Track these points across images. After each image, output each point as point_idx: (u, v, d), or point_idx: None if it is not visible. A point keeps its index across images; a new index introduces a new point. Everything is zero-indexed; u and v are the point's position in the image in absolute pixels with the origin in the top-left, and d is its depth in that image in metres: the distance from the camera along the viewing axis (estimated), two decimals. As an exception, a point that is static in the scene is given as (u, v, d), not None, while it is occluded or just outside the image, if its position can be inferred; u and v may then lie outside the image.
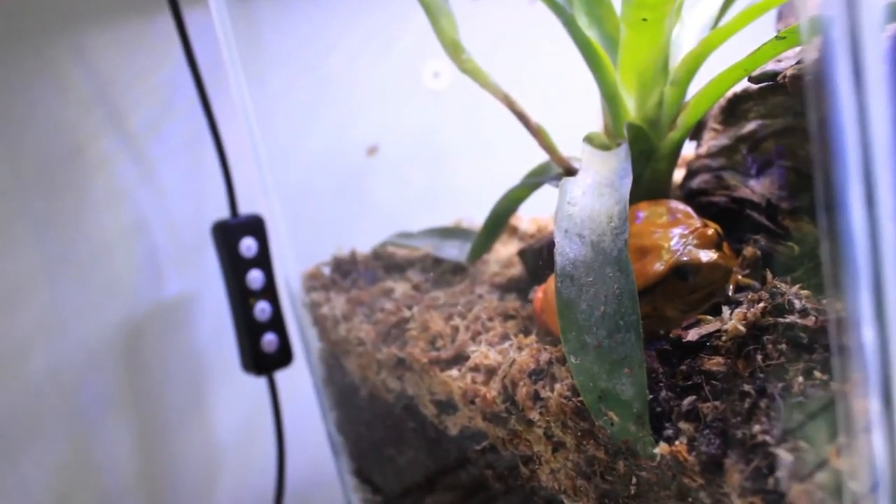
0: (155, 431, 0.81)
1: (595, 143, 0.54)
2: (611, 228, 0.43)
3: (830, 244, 0.30)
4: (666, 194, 0.56)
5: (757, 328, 0.40)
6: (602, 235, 0.43)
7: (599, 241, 0.43)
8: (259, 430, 0.83)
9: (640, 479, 0.41)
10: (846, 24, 0.27)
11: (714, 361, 0.41)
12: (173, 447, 0.82)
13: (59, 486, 0.76)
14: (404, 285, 0.65)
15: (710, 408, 0.39)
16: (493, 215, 0.63)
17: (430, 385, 0.54)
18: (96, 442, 0.77)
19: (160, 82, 0.76)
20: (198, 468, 0.83)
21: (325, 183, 0.81)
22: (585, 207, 0.45)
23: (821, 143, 0.28)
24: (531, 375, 0.46)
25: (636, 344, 0.40)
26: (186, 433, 0.83)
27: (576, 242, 0.43)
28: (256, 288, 0.74)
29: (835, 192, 0.28)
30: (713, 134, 0.57)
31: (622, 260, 0.41)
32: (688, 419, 0.39)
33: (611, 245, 0.42)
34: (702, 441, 0.38)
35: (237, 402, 0.84)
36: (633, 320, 0.40)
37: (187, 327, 0.81)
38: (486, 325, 0.55)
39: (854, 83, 0.27)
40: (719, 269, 0.45)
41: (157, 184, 0.78)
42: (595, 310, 0.41)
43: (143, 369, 0.79)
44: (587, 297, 0.42)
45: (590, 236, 0.43)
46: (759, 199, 0.51)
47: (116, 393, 0.78)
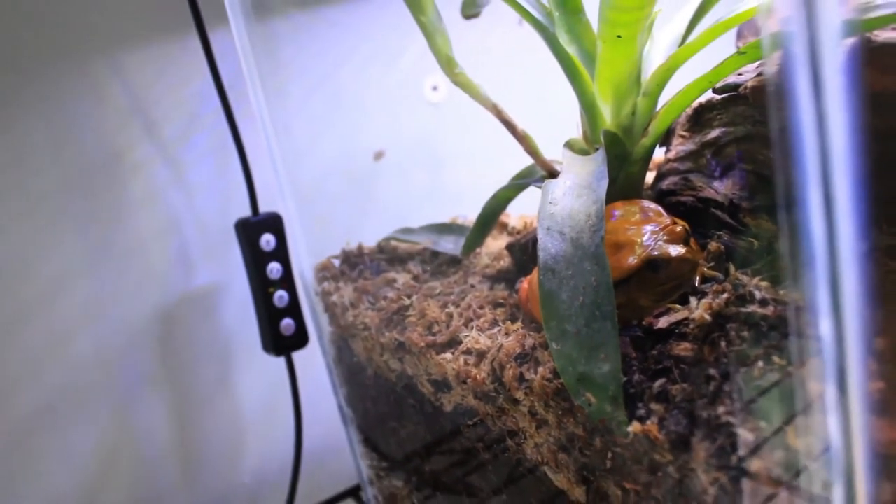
0: (187, 405, 0.80)
1: (574, 149, 0.53)
2: (589, 226, 0.41)
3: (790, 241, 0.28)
4: (639, 194, 0.55)
5: (721, 317, 0.39)
6: (581, 232, 0.41)
7: (578, 238, 0.41)
8: (279, 404, 0.82)
9: (616, 454, 0.39)
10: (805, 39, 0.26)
11: (682, 347, 0.39)
12: (204, 419, 0.81)
13: (102, 453, 0.75)
14: (405, 276, 0.64)
15: (678, 390, 0.37)
16: (484, 213, 0.62)
17: (427, 366, 0.53)
18: (135, 414, 0.77)
19: (189, 95, 0.75)
20: (225, 437, 0.83)
21: (336, 184, 0.81)
22: (566, 207, 0.44)
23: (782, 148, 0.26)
24: (517, 359, 0.45)
25: (612, 331, 0.38)
26: (215, 407, 0.82)
27: (557, 239, 0.42)
28: (275, 278, 0.73)
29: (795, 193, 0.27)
30: (681, 140, 0.56)
31: (599, 255, 0.40)
32: (658, 400, 0.38)
33: (589, 241, 0.41)
34: (671, 421, 0.36)
35: (259, 379, 0.83)
36: (609, 310, 0.39)
37: (214, 313, 0.80)
38: (477, 312, 0.54)
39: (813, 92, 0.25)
40: (687, 263, 0.43)
41: (186, 186, 0.77)
42: (574, 300, 0.40)
43: (176, 350, 0.78)
44: (567, 289, 0.40)
45: (570, 233, 0.42)
46: (723, 199, 0.50)
47: (153, 371, 0.77)
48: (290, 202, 0.71)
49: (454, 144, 0.86)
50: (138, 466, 0.77)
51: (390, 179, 0.84)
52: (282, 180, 0.70)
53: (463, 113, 0.62)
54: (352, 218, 0.81)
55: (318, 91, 0.80)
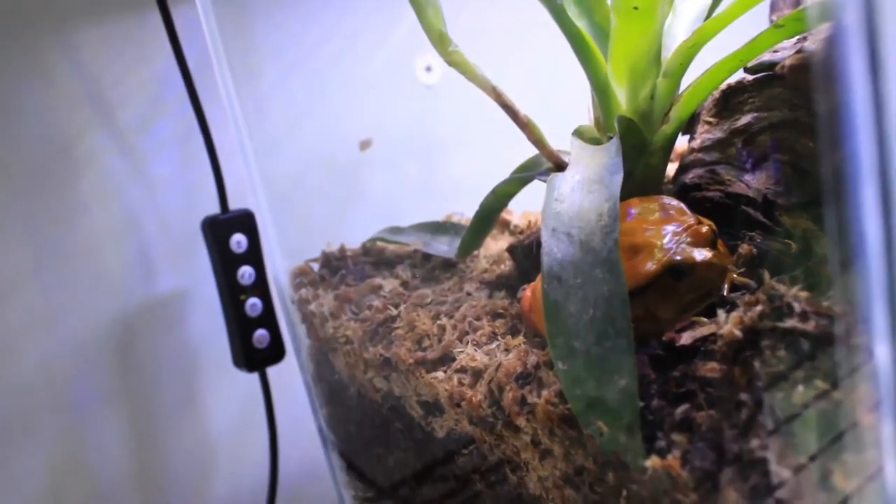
0: (148, 428, 0.79)
1: (585, 137, 0.52)
2: (600, 227, 0.40)
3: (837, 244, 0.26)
4: (658, 190, 0.54)
5: (754, 332, 0.37)
6: (591, 234, 0.40)
7: (588, 241, 0.40)
8: (252, 426, 0.81)
9: (631, 492, 0.38)
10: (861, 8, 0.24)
11: (709, 367, 0.38)
12: (166, 443, 0.80)
13: (51, 483, 0.74)
14: (392, 282, 0.63)
15: (704, 418, 0.36)
16: (482, 211, 0.60)
17: (416, 386, 0.52)
18: (89, 439, 0.75)
19: (149, 77, 0.74)
20: (191, 464, 0.81)
21: (316, 178, 0.79)
22: (574, 205, 0.42)
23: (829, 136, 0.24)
24: (518, 379, 0.44)
25: (626, 350, 0.37)
26: (180, 429, 0.81)
27: (563, 241, 0.41)
28: (247, 284, 0.72)
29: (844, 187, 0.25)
30: (707, 127, 0.54)
31: (612, 260, 0.38)
32: (681, 430, 0.36)
33: (600, 244, 0.39)
34: (695, 454, 0.35)
35: (230, 397, 0.82)
36: (624, 325, 0.37)
37: (179, 324, 0.79)
38: (473, 324, 0.52)
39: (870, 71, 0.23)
40: (714, 269, 0.42)
41: (147, 179, 0.76)
42: (584, 313, 0.38)
43: (136, 366, 0.77)
44: (575, 300, 0.39)
45: (578, 235, 0.40)
46: (755, 195, 0.48)
47: (109, 389, 0.76)
48: (264, 198, 0.70)
49: (451, 132, 0.85)
50: (92, 498, 0.76)
51: (378, 172, 0.83)
52: (254, 173, 0.69)
53: (460, 97, 0.61)
54: (334, 216, 0.80)
55: (296, 73, 0.79)
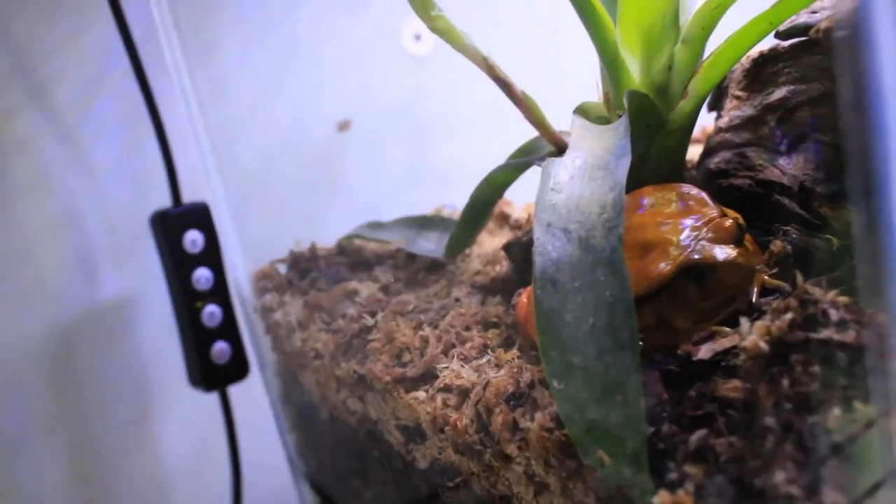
0: (91, 457, 0.78)
1: (590, 116, 0.51)
2: (603, 221, 0.39)
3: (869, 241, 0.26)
4: (677, 176, 0.53)
5: (783, 345, 0.37)
6: (592, 230, 0.39)
7: (589, 237, 0.39)
8: (211, 454, 0.81)
9: None
10: None
11: (730, 386, 0.37)
12: (113, 475, 0.80)
13: (-23, 520, 0.74)
14: (371, 286, 0.63)
15: (724, 446, 0.35)
16: (473, 203, 0.60)
17: (394, 408, 0.52)
18: (20, 471, 0.75)
19: (88, 49, 0.73)
20: (142, 498, 0.81)
21: (284, 165, 0.79)
22: (573, 195, 0.42)
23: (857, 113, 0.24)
24: (509, 400, 0.43)
25: (632, 365, 0.36)
26: (127, 460, 0.80)
27: (560, 239, 0.40)
28: (204, 289, 0.72)
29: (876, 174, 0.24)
30: (735, 103, 0.54)
31: (616, 261, 0.38)
32: (696, 460, 0.35)
33: (602, 242, 0.39)
34: (712, 489, 0.34)
35: (185, 422, 0.82)
36: (629, 336, 0.37)
37: (125, 336, 0.79)
38: (461, 335, 0.52)
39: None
40: (740, 269, 0.42)
41: (87, 167, 0.75)
42: (582, 322, 0.38)
43: (76, 385, 0.77)
44: (573, 307, 0.38)
45: (577, 231, 0.40)
46: (791, 182, 0.48)
47: (43, 413, 0.76)
48: (223, 189, 0.70)
49: (443, 111, 0.85)
50: (27, 537, 0.76)
51: (357, 158, 0.83)
52: (211, 161, 0.69)
53: (455, 70, 0.61)
54: (304, 210, 0.80)
55: (263, 43, 0.79)
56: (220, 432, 0.77)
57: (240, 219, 0.70)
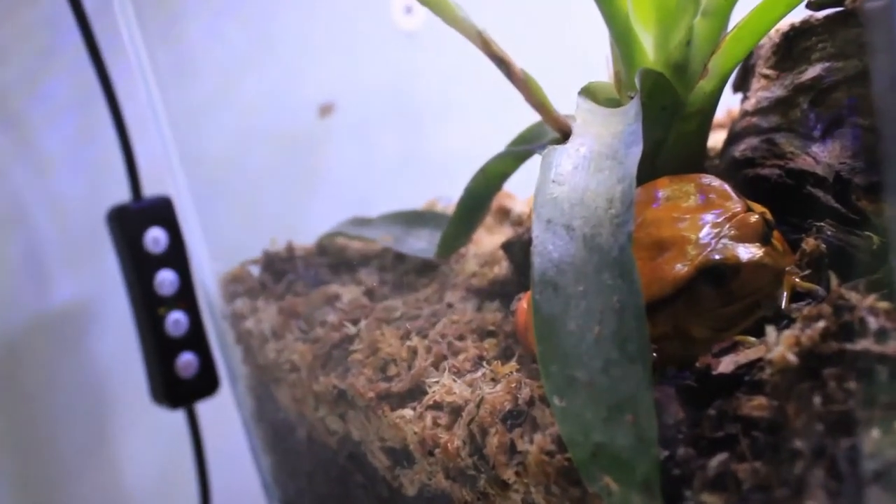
0: (41, 483, 0.78)
1: (598, 98, 0.51)
2: (610, 217, 0.39)
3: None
4: (696, 166, 0.53)
5: (815, 357, 0.36)
6: (598, 227, 0.39)
7: (594, 235, 0.39)
8: (178, 478, 0.81)
9: None
10: None
11: (755, 404, 0.37)
12: (68, 502, 0.79)
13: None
14: (354, 290, 0.63)
15: (747, 471, 0.35)
16: (468, 196, 0.60)
17: (378, 428, 0.52)
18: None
19: (34, 21, 0.73)
20: (99, 527, 0.81)
21: (258, 154, 0.79)
22: (577, 188, 0.42)
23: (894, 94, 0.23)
24: (506, 420, 0.44)
25: (643, 380, 0.36)
26: (83, 484, 0.80)
27: (562, 237, 0.40)
28: (167, 294, 0.72)
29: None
30: (763, 83, 0.54)
31: (625, 261, 0.38)
32: (716, 488, 0.35)
33: (610, 240, 0.39)
34: None
35: (148, 442, 0.82)
36: (640, 346, 0.37)
37: (81, 345, 0.79)
38: (453, 345, 0.52)
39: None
40: (766, 271, 0.42)
41: (35, 157, 0.75)
42: (587, 332, 0.38)
43: (23, 401, 0.77)
44: (576, 314, 0.38)
45: (581, 228, 0.40)
46: (825, 172, 0.48)
47: (-12, 432, 0.75)
48: (188, 181, 0.70)
49: (436, 93, 0.85)
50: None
51: (341, 146, 0.84)
52: (175, 149, 0.69)
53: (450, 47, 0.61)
54: (281, 204, 0.80)
55: (234, 15, 0.79)
56: (187, 454, 0.77)
57: (207, 215, 0.70)
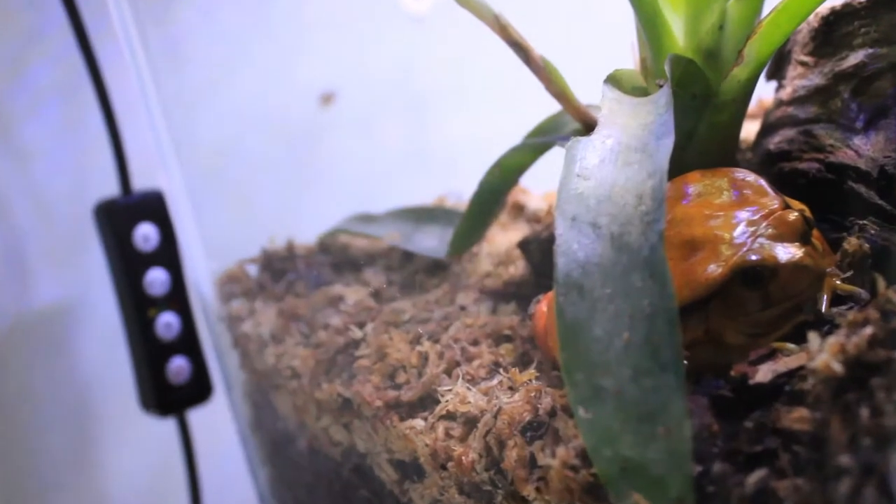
0: (24, 494, 0.78)
1: (624, 86, 0.51)
2: (640, 214, 0.39)
3: None
4: (730, 159, 0.53)
5: (861, 366, 0.36)
6: (627, 225, 0.39)
7: (623, 234, 0.39)
8: (168, 490, 0.81)
9: None
10: None
11: (796, 416, 0.37)
12: None
13: None
14: (359, 291, 0.63)
15: (787, 489, 0.35)
16: (482, 191, 0.60)
17: (386, 439, 0.52)
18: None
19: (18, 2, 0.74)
20: (85, 543, 0.81)
21: (256, 145, 0.79)
22: (604, 182, 0.42)
23: None
24: (525, 431, 0.43)
25: (676, 389, 0.36)
26: (68, 495, 0.80)
27: (587, 235, 0.40)
28: (158, 294, 0.72)
29: None
30: (801, 70, 0.54)
31: (656, 262, 0.38)
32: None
33: (640, 239, 0.39)
34: None
35: (137, 451, 0.82)
36: (672, 353, 0.37)
37: (66, 348, 0.79)
38: (467, 351, 0.52)
39: None
40: (806, 273, 0.41)
41: (17, 147, 0.75)
42: (615, 338, 0.38)
43: (4, 408, 0.77)
44: (603, 319, 0.38)
45: (609, 226, 0.40)
46: (868, 166, 0.48)
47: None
48: (181, 174, 0.70)
49: (447, 82, 0.85)
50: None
51: (344, 137, 0.84)
52: (167, 140, 0.69)
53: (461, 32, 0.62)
54: (280, 199, 0.80)
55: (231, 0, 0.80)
56: (178, 465, 0.76)
57: (202, 210, 0.70)
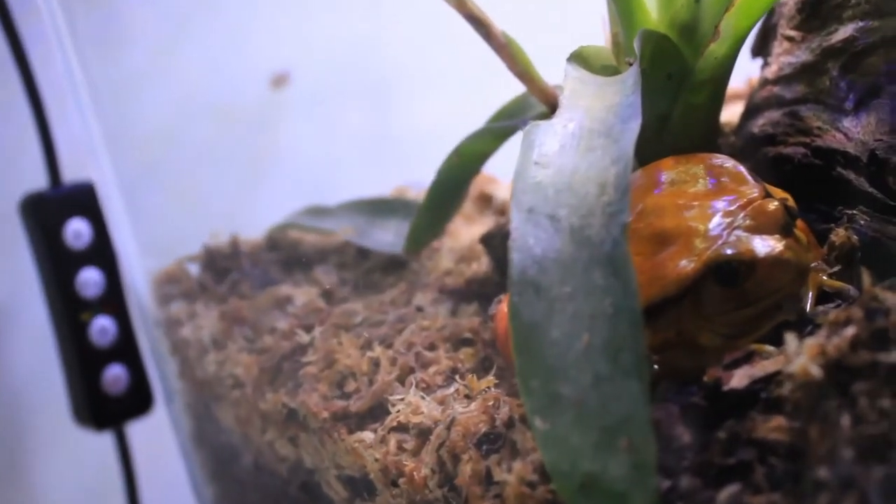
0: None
1: (591, 64, 0.51)
2: (602, 205, 0.39)
3: None
4: (708, 144, 0.53)
5: (843, 370, 0.36)
6: (588, 217, 0.39)
7: (584, 227, 0.39)
8: None
9: None
10: None
11: (772, 425, 0.37)
12: None
13: None
14: (308, 292, 0.63)
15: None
16: (441, 181, 0.60)
17: (334, 453, 0.52)
18: None
19: None
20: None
21: (199, 133, 0.79)
22: (563, 170, 0.41)
23: None
24: (481, 444, 0.44)
25: (640, 397, 0.36)
26: None
27: (545, 229, 0.40)
28: (92, 296, 0.71)
29: None
30: (787, 46, 0.54)
31: (618, 257, 0.38)
32: None
33: (601, 232, 0.39)
34: None
35: (71, 468, 0.82)
36: (636, 357, 0.36)
37: None
38: (423, 356, 0.52)
39: None
40: (787, 268, 0.41)
41: None
42: (574, 340, 0.38)
43: None
44: (562, 320, 0.38)
45: (568, 218, 0.40)
46: (858, 151, 0.48)
47: None
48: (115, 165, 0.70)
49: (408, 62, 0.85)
50: None
51: (297, 122, 0.84)
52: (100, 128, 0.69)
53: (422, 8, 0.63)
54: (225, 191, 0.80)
55: None
56: (117, 482, 0.76)
57: (138, 204, 0.70)
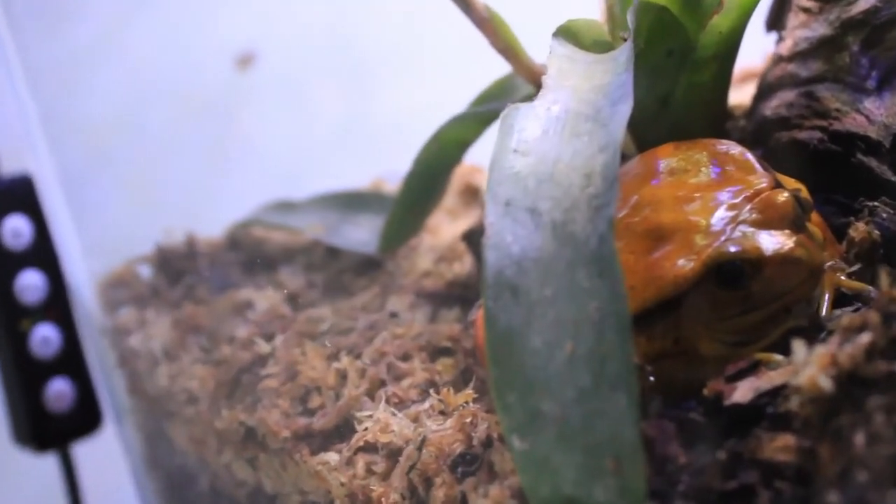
0: None
1: (582, 40, 0.50)
2: (588, 197, 0.39)
3: None
4: (714, 128, 0.53)
5: (857, 382, 0.36)
6: (572, 211, 0.39)
7: (567, 222, 0.39)
8: None
9: None
10: None
11: (779, 444, 0.37)
12: None
13: None
14: (271, 296, 0.63)
15: None
16: (418, 171, 0.60)
17: (297, 477, 0.52)
18: None
19: None
20: None
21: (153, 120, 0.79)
22: (546, 159, 0.41)
23: None
24: (456, 466, 0.44)
25: (629, 413, 0.36)
26: None
27: (525, 224, 0.40)
28: (33, 301, 0.70)
29: None
30: (803, 18, 0.54)
31: (605, 255, 0.37)
32: None
33: (587, 228, 0.38)
34: None
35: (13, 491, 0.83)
36: (624, 368, 0.36)
37: None
38: (395, 367, 0.52)
39: None
40: (798, 267, 0.41)
41: None
42: (556, 350, 0.37)
43: None
44: (542, 327, 0.38)
45: (550, 213, 0.40)
46: (880, 135, 0.48)
47: None
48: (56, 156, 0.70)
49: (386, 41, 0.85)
50: None
51: (265, 108, 0.84)
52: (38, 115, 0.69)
53: None
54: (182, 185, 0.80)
55: None
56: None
57: (83, 199, 0.70)
